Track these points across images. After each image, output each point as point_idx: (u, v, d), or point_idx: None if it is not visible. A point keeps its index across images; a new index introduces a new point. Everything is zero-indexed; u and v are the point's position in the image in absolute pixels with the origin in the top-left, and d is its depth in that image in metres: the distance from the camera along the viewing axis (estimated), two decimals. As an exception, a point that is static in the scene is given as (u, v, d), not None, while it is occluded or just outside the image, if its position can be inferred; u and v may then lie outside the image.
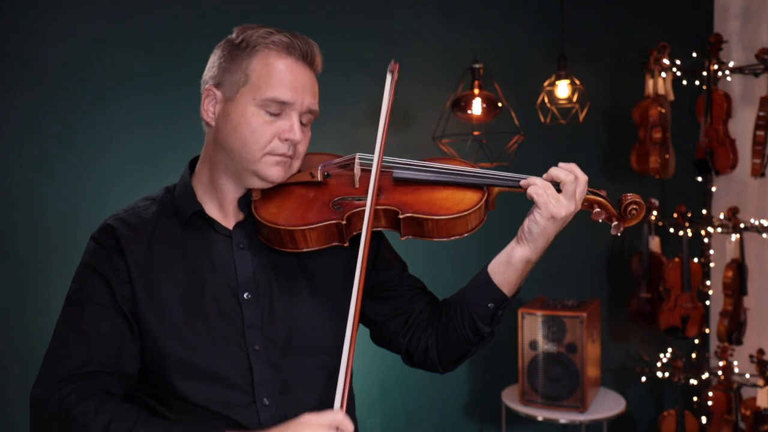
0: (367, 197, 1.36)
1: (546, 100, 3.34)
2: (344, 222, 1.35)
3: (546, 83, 3.34)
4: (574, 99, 3.29)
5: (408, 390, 3.75)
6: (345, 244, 1.37)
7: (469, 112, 3.11)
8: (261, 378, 1.36)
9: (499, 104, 3.13)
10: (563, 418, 3.33)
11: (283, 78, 1.35)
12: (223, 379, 1.34)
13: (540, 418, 3.37)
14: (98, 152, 3.16)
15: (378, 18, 3.62)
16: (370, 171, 1.41)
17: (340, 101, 3.49)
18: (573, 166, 1.40)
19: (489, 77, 3.18)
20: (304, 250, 1.36)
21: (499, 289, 1.41)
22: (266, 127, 1.35)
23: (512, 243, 1.42)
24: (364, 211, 1.35)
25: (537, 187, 1.37)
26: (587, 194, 1.42)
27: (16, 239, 3.10)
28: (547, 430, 3.91)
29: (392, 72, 1.44)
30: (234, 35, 1.39)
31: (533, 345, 3.41)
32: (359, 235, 1.35)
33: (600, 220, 1.45)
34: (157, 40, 3.19)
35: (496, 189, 1.43)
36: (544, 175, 1.39)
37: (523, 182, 1.39)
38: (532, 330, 3.41)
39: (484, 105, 3.10)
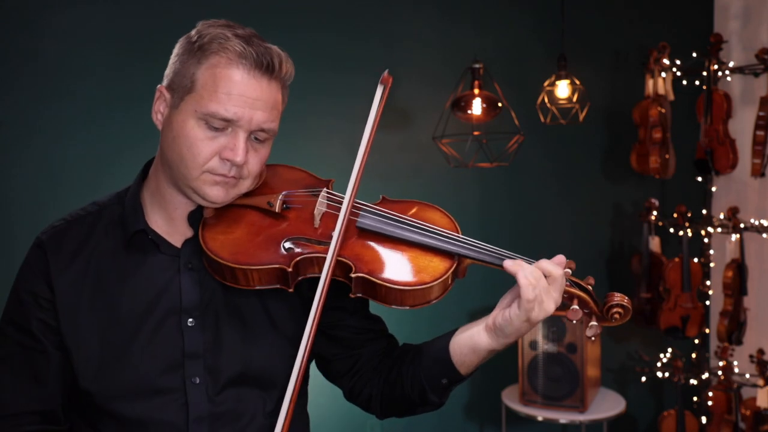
0: (322, 244, 1.24)
1: (546, 100, 3.34)
2: (290, 269, 1.21)
3: (546, 83, 3.34)
4: (574, 99, 3.28)
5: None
6: (290, 290, 1.24)
7: (469, 112, 3.11)
8: (197, 415, 1.25)
9: (499, 104, 3.13)
10: (563, 418, 3.33)
11: (231, 91, 1.19)
12: (154, 421, 1.24)
13: (540, 418, 3.37)
14: (98, 152, 3.16)
15: (378, 18, 3.62)
16: (332, 212, 1.27)
17: (339, 101, 3.49)
18: (556, 260, 1.22)
19: (489, 77, 3.18)
20: (245, 288, 1.24)
21: (456, 369, 1.30)
22: (206, 143, 1.20)
23: (480, 327, 1.27)
24: (315, 257, 1.23)
25: (527, 276, 1.17)
26: (569, 286, 1.24)
27: (15, 239, 3.10)
28: (547, 430, 3.91)
29: (384, 84, 1.29)
30: (193, 32, 1.27)
31: (533, 345, 3.41)
32: (306, 281, 1.25)
33: (575, 321, 1.24)
34: (158, 40, 3.17)
35: (468, 260, 1.26)
36: (534, 265, 1.20)
37: (508, 264, 1.20)
38: (532, 330, 3.40)
39: (484, 105, 3.10)
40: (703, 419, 3.64)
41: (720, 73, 3.56)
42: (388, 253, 1.25)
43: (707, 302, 3.76)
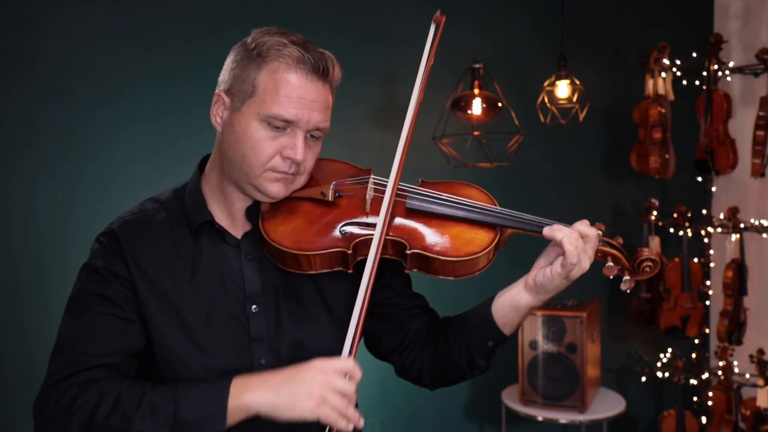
0: (376, 225, 1.33)
1: (546, 100, 3.34)
2: (350, 251, 1.33)
3: (546, 83, 3.34)
4: (574, 99, 3.29)
5: (408, 390, 3.73)
6: (349, 271, 1.35)
7: (469, 112, 3.11)
8: None
9: (499, 104, 3.13)
10: (563, 418, 3.33)
11: (291, 94, 1.29)
12: None
13: (540, 418, 3.37)
14: (98, 152, 3.16)
15: (378, 18, 3.62)
16: (381, 196, 1.38)
17: (339, 101, 3.48)
18: (583, 225, 1.34)
19: (489, 77, 3.18)
20: (308, 272, 1.35)
21: (500, 330, 1.41)
22: (268, 143, 1.30)
23: (519, 287, 1.39)
24: (371, 239, 1.33)
25: (572, 241, 1.29)
26: (602, 245, 1.37)
27: (15, 239, 3.10)
28: (547, 430, 3.91)
29: (438, 23, 1.38)
30: (249, 39, 1.35)
31: (533, 345, 3.41)
32: (364, 260, 1.33)
33: (611, 276, 1.39)
34: (157, 40, 3.19)
35: (510, 230, 1.38)
36: (571, 228, 1.33)
37: (548, 232, 1.33)
38: (532, 330, 3.40)
39: (484, 105, 3.10)
40: (703, 419, 3.64)
41: (720, 73, 3.56)
42: (437, 229, 1.36)
43: (707, 302, 3.76)
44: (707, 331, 3.79)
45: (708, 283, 3.68)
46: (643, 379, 3.71)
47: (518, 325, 1.42)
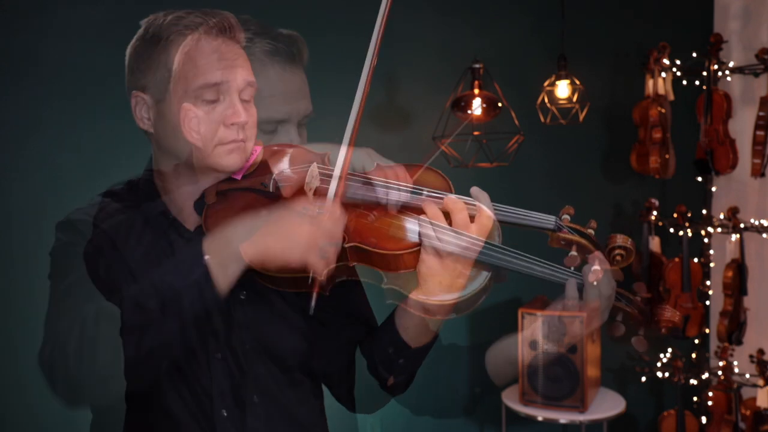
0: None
1: (546, 100, 3.34)
2: None
3: (546, 83, 3.34)
4: (574, 99, 3.28)
5: (408, 390, 3.74)
6: None
7: (469, 112, 3.11)
8: (221, 389, 1.29)
9: (499, 104, 3.13)
10: (563, 418, 3.33)
11: (209, 59, 1.22)
12: (181, 394, 1.29)
13: (540, 418, 3.36)
14: (98, 152, 3.16)
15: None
16: (325, 184, 1.26)
17: (340, 100, 3.47)
18: (481, 197, 1.24)
19: (489, 77, 3.18)
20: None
21: (398, 332, 1.28)
22: (207, 118, 1.23)
23: None
24: None
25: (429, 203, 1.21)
26: (567, 233, 1.24)
27: (15, 240, 3.10)
28: (547, 430, 3.91)
29: None
30: (142, 30, 1.29)
31: (533, 345, 3.41)
32: None
33: (572, 267, 1.23)
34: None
35: None
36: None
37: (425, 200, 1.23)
38: (533, 330, 3.40)
39: (484, 105, 3.10)
40: (703, 419, 3.64)
41: (720, 73, 3.56)
42: (379, 219, 1.24)
43: (707, 302, 3.77)
44: (707, 331, 3.80)
45: (708, 283, 3.68)
46: (643, 379, 3.71)
47: (416, 333, 1.28)
